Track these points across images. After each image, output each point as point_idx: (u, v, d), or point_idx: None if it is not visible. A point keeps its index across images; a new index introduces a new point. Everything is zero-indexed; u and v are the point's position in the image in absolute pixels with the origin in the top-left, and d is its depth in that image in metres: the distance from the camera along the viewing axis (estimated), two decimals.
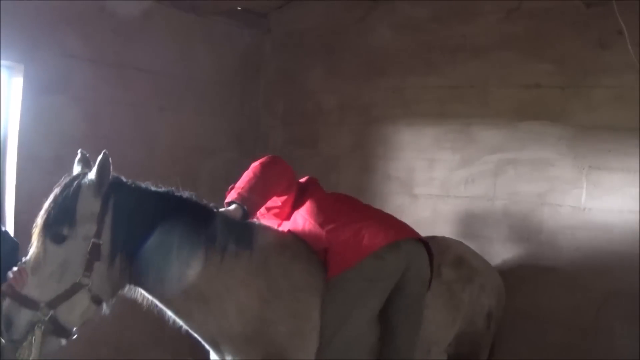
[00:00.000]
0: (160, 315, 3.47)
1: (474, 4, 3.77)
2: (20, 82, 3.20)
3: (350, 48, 4.29)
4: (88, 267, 2.07)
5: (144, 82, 3.78)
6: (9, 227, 3.23)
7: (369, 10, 4.20)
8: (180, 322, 2.40)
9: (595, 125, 3.38)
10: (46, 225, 2.07)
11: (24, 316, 2.00)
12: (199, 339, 2.45)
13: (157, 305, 2.50)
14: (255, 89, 4.61)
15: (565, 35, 3.47)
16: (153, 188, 2.29)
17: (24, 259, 2.09)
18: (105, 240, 2.11)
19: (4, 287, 2.01)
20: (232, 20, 4.34)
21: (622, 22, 2.99)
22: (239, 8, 4.30)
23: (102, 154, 2.10)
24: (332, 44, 4.37)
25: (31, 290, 2.02)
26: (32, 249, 2.08)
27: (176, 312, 2.37)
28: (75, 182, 2.13)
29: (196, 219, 2.27)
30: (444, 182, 3.89)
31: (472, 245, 3.62)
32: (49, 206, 2.11)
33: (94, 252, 2.08)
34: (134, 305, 3.72)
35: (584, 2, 3.35)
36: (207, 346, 2.48)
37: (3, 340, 2.00)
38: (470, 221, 3.78)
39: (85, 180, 2.14)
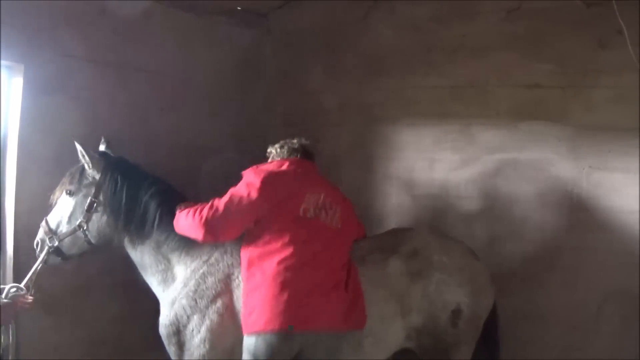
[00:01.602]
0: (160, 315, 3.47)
1: (474, 4, 3.77)
2: (20, 82, 3.19)
3: (350, 48, 4.29)
4: (87, 216, 2.97)
5: (144, 82, 3.77)
6: (9, 227, 3.23)
7: (369, 10, 4.20)
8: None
9: (595, 125, 3.39)
10: (65, 183, 3.00)
11: (46, 240, 3.00)
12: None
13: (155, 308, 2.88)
14: (255, 89, 4.61)
15: (565, 35, 3.47)
16: (147, 172, 3.04)
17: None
18: (100, 200, 2.97)
19: (43, 222, 3.01)
20: (232, 20, 4.33)
21: (622, 22, 2.99)
22: (239, 8, 4.30)
23: (104, 144, 3.11)
24: (332, 44, 4.37)
25: (54, 225, 3.02)
26: (55, 199, 3.03)
27: (142, 272, 3.10)
28: (87, 157, 2.96)
29: (162, 205, 2.96)
30: (444, 182, 3.89)
31: (473, 245, 3.63)
32: (70, 171, 3.02)
33: (91, 207, 2.97)
34: (133, 305, 3.75)
35: (584, 2, 3.36)
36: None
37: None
38: (470, 221, 3.78)
39: (92, 157, 2.97)
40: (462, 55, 3.81)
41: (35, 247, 3.04)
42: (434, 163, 3.93)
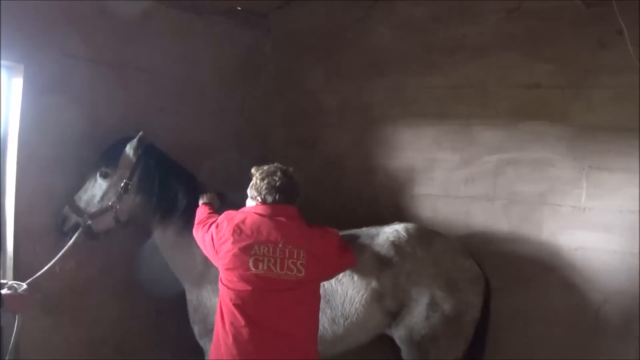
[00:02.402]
0: (160, 316, 3.49)
1: (474, 4, 3.77)
2: (20, 82, 3.19)
3: (350, 48, 4.29)
4: (119, 197, 3.23)
5: (144, 82, 3.77)
6: (9, 227, 3.23)
7: (369, 10, 4.20)
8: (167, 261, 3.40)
9: (595, 125, 3.39)
10: (100, 164, 3.23)
11: (73, 218, 3.22)
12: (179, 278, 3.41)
13: (156, 308, 2.83)
14: (255, 89, 4.60)
15: (565, 35, 3.47)
16: (173, 159, 3.39)
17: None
18: (134, 182, 3.25)
19: (69, 201, 3.22)
20: (232, 20, 4.33)
21: (622, 22, 2.99)
22: (239, 8, 4.30)
23: (141, 132, 3.25)
24: (332, 44, 4.37)
25: (82, 204, 3.23)
26: (88, 180, 3.25)
27: (164, 251, 3.37)
28: (124, 143, 3.26)
29: (188, 191, 3.31)
30: (444, 182, 3.89)
31: (473, 245, 3.64)
32: (105, 152, 3.25)
33: (125, 188, 3.23)
34: (133, 305, 3.75)
35: (584, 2, 3.35)
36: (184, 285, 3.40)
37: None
38: (470, 221, 3.78)
39: (130, 142, 3.26)
40: (462, 55, 3.80)
41: (61, 223, 3.23)
42: (434, 163, 3.93)
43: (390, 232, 3.26)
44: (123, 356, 3.74)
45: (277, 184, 2.77)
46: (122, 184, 3.22)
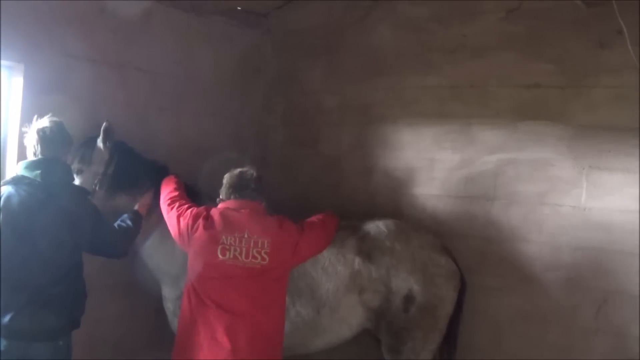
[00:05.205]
0: (160, 316, 3.48)
1: (474, 4, 3.77)
2: (20, 82, 3.20)
3: (350, 48, 4.29)
4: (93, 193, 3.14)
5: (144, 82, 3.78)
6: None
7: (369, 10, 4.20)
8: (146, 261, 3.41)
9: (595, 125, 3.38)
10: (74, 162, 3.14)
11: None
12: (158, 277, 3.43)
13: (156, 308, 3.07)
14: (255, 89, 4.61)
15: (565, 35, 3.47)
16: (145, 156, 3.39)
17: None
18: (107, 178, 3.21)
19: None
20: (232, 20, 4.34)
21: (622, 22, 2.99)
22: (239, 8, 4.30)
23: (105, 122, 3.21)
24: (332, 44, 4.37)
25: None
26: None
27: (141, 250, 3.37)
28: (95, 140, 3.25)
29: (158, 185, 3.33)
30: (444, 182, 3.89)
31: (472, 245, 3.64)
32: (76, 152, 3.16)
33: (98, 183, 3.19)
34: (133, 306, 3.75)
35: (584, 2, 3.35)
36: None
37: None
38: (470, 221, 3.78)
39: (100, 137, 3.23)
40: (462, 55, 3.80)
41: None
42: (434, 163, 3.92)
43: (371, 227, 3.41)
44: (123, 356, 3.74)
45: (235, 183, 3.13)
46: (96, 179, 3.20)
